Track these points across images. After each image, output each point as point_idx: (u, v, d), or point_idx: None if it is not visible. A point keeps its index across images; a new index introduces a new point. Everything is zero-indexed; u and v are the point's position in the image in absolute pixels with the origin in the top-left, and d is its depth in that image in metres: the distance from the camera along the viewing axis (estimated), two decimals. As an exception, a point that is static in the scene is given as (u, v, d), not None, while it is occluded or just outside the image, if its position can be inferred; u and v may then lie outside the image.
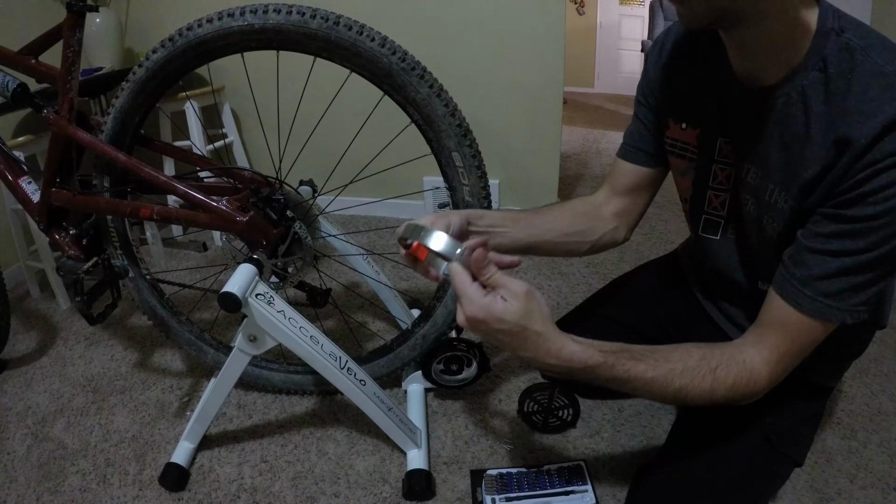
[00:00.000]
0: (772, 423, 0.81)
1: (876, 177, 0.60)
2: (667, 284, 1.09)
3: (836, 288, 0.66)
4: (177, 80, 1.01)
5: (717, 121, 0.79)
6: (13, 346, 1.50)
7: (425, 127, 0.96)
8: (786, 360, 0.72)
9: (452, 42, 1.88)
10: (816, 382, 0.85)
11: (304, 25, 0.88)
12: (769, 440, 0.81)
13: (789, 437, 0.83)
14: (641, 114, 0.92)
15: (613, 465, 1.04)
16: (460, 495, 1.00)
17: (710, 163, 0.82)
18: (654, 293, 1.11)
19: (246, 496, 1.02)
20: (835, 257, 0.66)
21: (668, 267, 1.12)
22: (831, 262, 0.66)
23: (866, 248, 0.64)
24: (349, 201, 1.94)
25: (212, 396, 1.04)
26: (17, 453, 1.15)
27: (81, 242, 1.13)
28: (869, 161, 0.60)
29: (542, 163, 2.00)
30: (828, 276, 0.66)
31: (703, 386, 0.69)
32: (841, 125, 0.62)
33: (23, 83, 1.05)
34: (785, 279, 0.70)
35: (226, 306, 0.86)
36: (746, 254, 0.83)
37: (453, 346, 1.12)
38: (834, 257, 0.66)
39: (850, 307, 0.67)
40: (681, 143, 0.86)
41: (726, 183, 0.82)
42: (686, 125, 0.84)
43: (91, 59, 1.91)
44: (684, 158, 0.86)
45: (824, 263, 0.66)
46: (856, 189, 0.62)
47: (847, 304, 0.67)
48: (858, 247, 0.64)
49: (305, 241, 1.04)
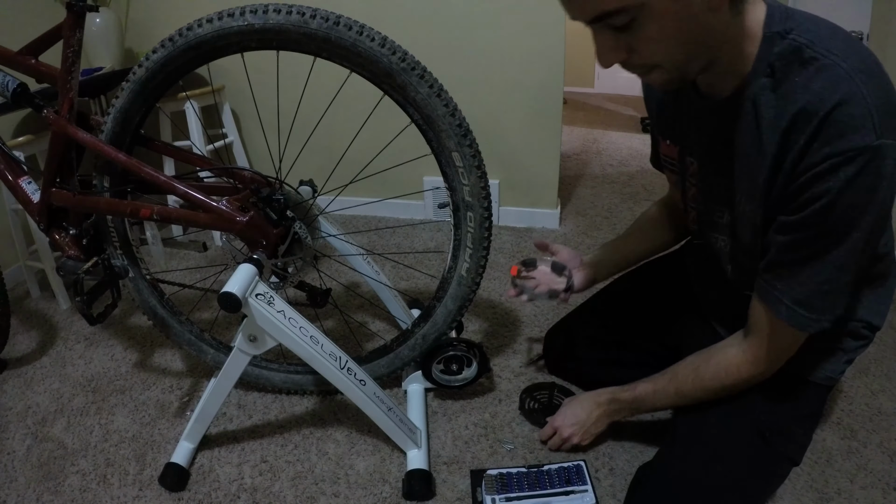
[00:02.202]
0: (766, 421, 0.82)
1: (816, 181, 0.61)
2: (668, 285, 1.10)
3: (807, 296, 0.69)
4: (177, 80, 1.01)
5: (687, 138, 0.82)
6: (13, 346, 1.50)
7: (425, 127, 0.96)
8: (769, 357, 0.77)
9: (452, 42, 1.88)
10: (811, 380, 0.85)
11: (304, 25, 0.88)
12: (763, 437, 0.82)
13: (784, 435, 0.83)
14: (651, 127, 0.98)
15: (613, 465, 1.04)
16: (460, 495, 1.00)
17: (684, 180, 0.86)
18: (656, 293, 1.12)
19: (246, 496, 1.02)
20: (800, 265, 0.68)
21: (670, 267, 1.13)
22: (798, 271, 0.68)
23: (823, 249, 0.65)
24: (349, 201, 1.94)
25: (212, 396, 1.04)
26: (17, 453, 1.15)
27: (81, 242, 1.12)
28: (808, 164, 0.61)
29: (542, 163, 2.00)
30: (800, 285, 0.69)
31: (688, 381, 0.85)
32: (784, 122, 0.62)
33: (23, 83, 1.05)
34: (764, 288, 0.73)
35: (226, 306, 0.86)
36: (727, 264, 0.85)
37: (453, 345, 1.12)
38: (800, 265, 0.68)
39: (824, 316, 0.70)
40: (669, 159, 0.89)
41: (693, 201, 0.86)
42: (669, 141, 0.87)
43: (91, 59, 1.91)
44: (674, 172, 0.90)
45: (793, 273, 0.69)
46: (801, 195, 0.63)
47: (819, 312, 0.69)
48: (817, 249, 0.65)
49: (305, 241, 1.04)
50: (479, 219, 1.00)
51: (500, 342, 1.41)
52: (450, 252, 1.06)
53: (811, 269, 0.67)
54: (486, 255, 1.03)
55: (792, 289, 0.69)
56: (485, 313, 1.54)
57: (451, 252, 1.06)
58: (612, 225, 2.10)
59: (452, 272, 1.06)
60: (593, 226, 2.10)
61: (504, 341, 1.42)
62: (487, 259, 1.03)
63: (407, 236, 2.06)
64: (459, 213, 1.01)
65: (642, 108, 4.46)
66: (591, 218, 2.18)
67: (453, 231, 1.04)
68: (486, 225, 1.00)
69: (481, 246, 1.02)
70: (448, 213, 1.04)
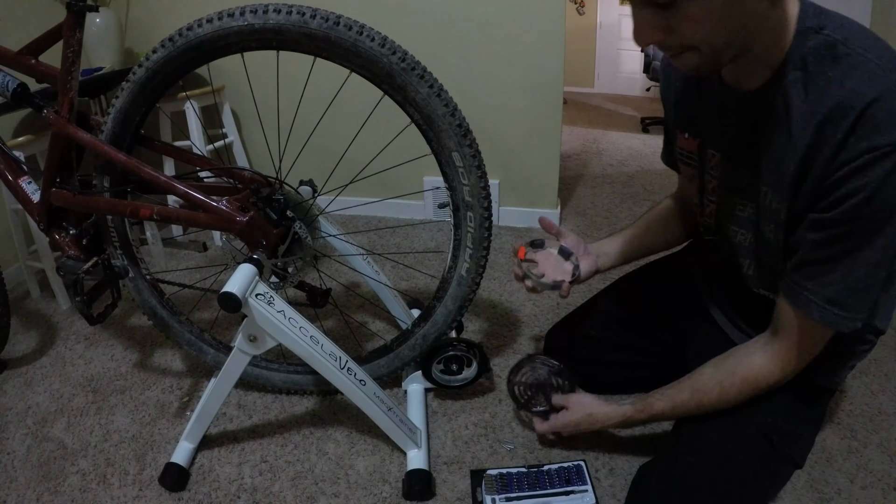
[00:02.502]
0: (772, 423, 0.82)
1: (853, 176, 0.60)
2: (671, 284, 1.10)
3: (841, 294, 0.67)
4: (177, 80, 1.01)
5: (709, 131, 0.81)
6: (13, 346, 1.50)
7: (425, 127, 0.96)
8: (799, 359, 0.76)
9: (452, 42, 1.88)
10: (818, 384, 0.85)
11: (304, 25, 0.88)
12: (769, 440, 0.81)
13: (790, 438, 0.83)
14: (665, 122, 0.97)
15: (613, 465, 1.04)
16: (460, 495, 1.00)
17: (704, 172, 0.85)
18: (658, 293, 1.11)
19: (246, 496, 1.02)
20: (834, 262, 0.66)
21: (672, 266, 1.13)
22: (832, 269, 0.67)
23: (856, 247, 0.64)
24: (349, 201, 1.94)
25: (212, 396, 1.04)
26: (17, 453, 1.15)
27: (81, 242, 1.13)
28: (844, 159, 0.60)
29: (542, 163, 2.01)
30: (833, 283, 0.67)
31: (712, 397, 0.81)
32: (819, 116, 0.62)
33: (23, 83, 1.05)
34: (792, 289, 0.72)
35: (226, 306, 0.86)
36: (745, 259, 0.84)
37: (453, 345, 1.12)
38: (834, 263, 0.67)
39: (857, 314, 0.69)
40: (686, 152, 0.88)
41: (713, 195, 0.85)
42: (689, 135, 0.86)
43: (91, 59, 1.91)
44: (690, 167, 0.88)
45: (825, 271, 0.68)
46: (836, 190, 0.62)
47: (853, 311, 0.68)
48: (849, 247, 0.65)
49: (305, 241, 1.04)
50: (479, 219, 1.00)
51: (500, 342, 1.41)
52: (450, 252, 1.06)
53: (844, 267, 0.66)
54: (486, 255, 1.03)
55: (824, 287, 0.68)
56: (485, 313, 1.54)
57: (451, 252, 1.06)
58: (611, 225, 2.11)
59: (452, 272, 1.06)
60: (593, 226, 2.11)
61: (504, 341, 1.42)
62: (487, 259, 1.03)
63: (407, 236, 2.06)
64: (459, 213, 1.01)
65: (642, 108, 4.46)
66: (590, 218, 2.18)
67: (453, 231, 1.04)
68: (486, 225, 1.00)
69: (481, 246, 1.02)
70: (448, 213, 1.04)
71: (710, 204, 0.87)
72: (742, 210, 0.80)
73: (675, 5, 0.58)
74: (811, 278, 0.69)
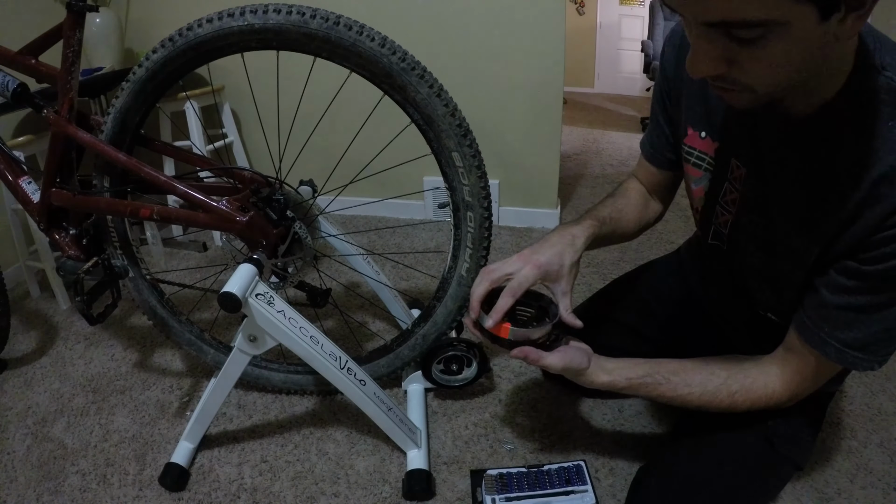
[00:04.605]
0: (774, 425, 0.81)
1: None
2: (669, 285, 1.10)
3: (862, 341, 0.66)
4: (177, 80, 1.01)
5: (735, 140, 0.76)
6: (13, 346, 1.50)
7: (425, 127, 0.96)
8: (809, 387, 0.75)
9: (452, 42, 1.88)
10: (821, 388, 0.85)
11: (304, 25, 0.88)
12: (770, 442, 0.81)
13: (791, 440, 0.83)
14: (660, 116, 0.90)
15: (613, 465, 1.04)
16: (460, 495, 1.00)
17: (724, 180, 0.79)
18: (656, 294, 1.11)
19: (246, 496, 1.02)
20: (862, 313, 0.64)
21: (670, 267, 1.12)
22: (859, 319, 0.65)
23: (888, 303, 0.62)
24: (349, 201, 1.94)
25: (212, 396, 1.04)
26: (17, 453, 1.15)
27: (81, 242, 1.12)
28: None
29: (542, 163, 2.00)
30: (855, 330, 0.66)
31: (721, 406, 0.77)
32: (878, 171, 0.58)
33: (23, 83, 1.05)
34: (809, 329, 0.70)
35: (226, 306, 0.86)
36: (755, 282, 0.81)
37: (453, 346, 1.12)
38: (861, 313, 0.64)
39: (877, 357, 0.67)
40: (698, 153, 0.82)
41: (731, 206, 0.80)
42: (706, 135, 0.80)
43: (91, 59, 1.91)
44: (700, 168, 0.83)
45: (851, 320, 0.65)
46: (883, 247, 0.60)
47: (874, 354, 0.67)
48: (882, 301, 0.63)
49: (305, 241, 1.04)
50: (479, 219, 1.00)
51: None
52: (450, 252, 1.06)
53: (870, 318, 0.64)
54: (486, 255, 1.03)
55: (842, 332, 0.66)
56: (485, 313, 1.54)
57: (451, 252, 1.06)
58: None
59: (452, 272, 1.06)
60: (593, 226, 2.10)
61: (504, 341, 1.41)
62: (487, 259, 1.03)
63: (407, 236, 2.06)
64: (459, 213, 1.01)
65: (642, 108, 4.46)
66: (591, 218, 2.17)
67: (453, 231, 1.04)
68: (486, 225, 1.00)
69: (481, 246, 1.02)
70: (448, 213, 1.04)
71: (726, 214, 0.81)
72: (764, 231, 0.75)
73: (754, 43, 0.50)
74: (828, 321, 0.67)
